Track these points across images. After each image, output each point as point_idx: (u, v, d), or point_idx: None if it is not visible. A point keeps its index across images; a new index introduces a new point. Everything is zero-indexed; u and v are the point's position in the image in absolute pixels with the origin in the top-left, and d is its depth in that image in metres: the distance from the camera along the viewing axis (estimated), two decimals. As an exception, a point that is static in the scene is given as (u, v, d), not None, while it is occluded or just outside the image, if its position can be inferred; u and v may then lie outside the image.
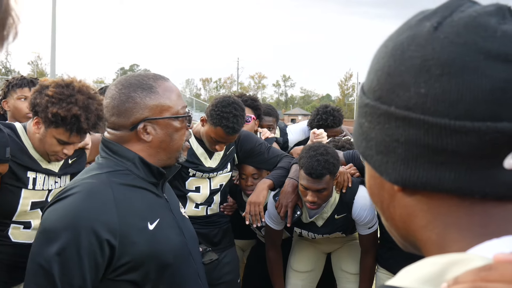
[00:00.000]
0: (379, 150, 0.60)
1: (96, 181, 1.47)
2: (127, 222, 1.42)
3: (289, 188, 2.73)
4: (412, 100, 0.54)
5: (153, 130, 1.54)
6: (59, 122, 2.10)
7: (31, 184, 2.22)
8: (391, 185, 0.61)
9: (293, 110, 64.98)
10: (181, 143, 1.61)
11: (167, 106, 1.55)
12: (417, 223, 0.60)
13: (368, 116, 0.61)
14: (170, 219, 1.59)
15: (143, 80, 1.54)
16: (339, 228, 2.87)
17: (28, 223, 2.25)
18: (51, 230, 1.39)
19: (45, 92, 2.11)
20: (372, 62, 0.63)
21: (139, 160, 1.54)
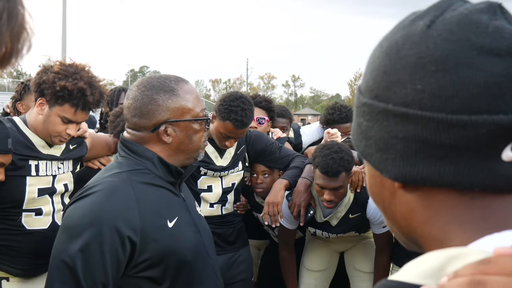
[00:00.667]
0: (379, 147, 0.61)
1: (117, 179, 1.51)
2: (147, 220, 1.46)
3: (301, 188, 2.74)
4: (409, 96, 0.56)
5: (173, 132, 1.58)
6: (66, 96, 2.16)
7: (34, 171, 2.26)
8: (391, 183, 0.62)
9: (302, 110, 64.85)
10: (199, 145, 1.64)
11: (188, 109, 1.58)
12: (418, 219, 0.61)
13: (366, 115, 0.62)
14: (187, 217, 1.62)
15: (165, 83, 1.58)
16: (353, 227, 2.88)
17: (39, 210, 2.30)
18: (74, 227, 1.42)
19: (51, 70, 2.20)
20: (368, 63, 0.64)
21: (158, 160, 1.57)
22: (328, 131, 3.32)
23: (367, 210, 2.73)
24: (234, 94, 2.66)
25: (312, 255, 3.18)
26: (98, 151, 2.68)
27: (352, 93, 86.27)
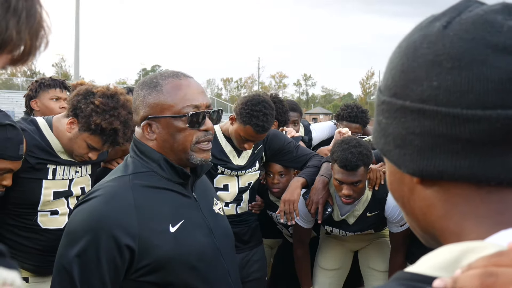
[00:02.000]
0: (397, 144, 0.63)
1: (117, 184, 1.50)
2: (147, 225, 1.44)
3: (319, 185, 2.74)
4: (426, 93, 0.58)
5: (156, 129, 1.54)
6: (98, 131, 2.15)
7: (50, 174, 2.28)
8: (410, 179, 0.64)
9: (314, 109, 64.76)
10: (186, 144, 1.55)
11: (167, 105, 1.52)
12: (435, 213, 0.62)
13: (385, 112, 0.64)
14: (198, 219, 1.58)
15: (154, 78, 1.56)
16: (370, 226, 2.88)
17: (55, 211, 2.32)
18: (73, 232, 1.43)
19: (91, 99, 2.16)
20: (387, 63, 0.67)
21: (164, 161, 1.55)
22: (340, 131, 3.32)
23: (386, 209, 2.72)
24: (256, 98, 2.61)
25: (326, 254, 3.18)
26: (118, 152, 2.71)
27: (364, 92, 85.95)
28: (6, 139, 1.93)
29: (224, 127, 2.81)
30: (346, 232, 2.91)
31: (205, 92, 1.63)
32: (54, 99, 3.32)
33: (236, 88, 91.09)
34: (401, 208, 0.71)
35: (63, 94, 3.36)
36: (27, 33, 0.57)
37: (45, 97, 3.32)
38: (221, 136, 2.79)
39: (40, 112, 3.25)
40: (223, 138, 2.79)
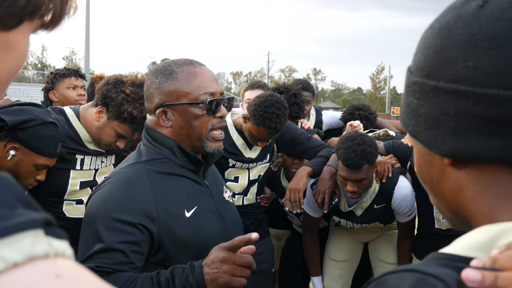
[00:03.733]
0: (429, 125, 0.62)
1: (133, 170, 1.53)
2: (164, 209, 1.47)
3: (326, 175, 2.75)
4: (461, 73, 0.57)
5: (172, 116, 1.56)
6: (128, 120, 2.19)
7: (78, 165, 2.32)
8: (440, 160, 0.63)
9: (323, 103, 64.54)
10: (202, 131, 1.57)
11: (184, 92, 1.53)
12: (467, 195, 0.61)
13: (417, 93, 0.64)
14: (210, 205, 1.61)
15: (168, 66, 1.57)
16: (378, 218, 2.88)
17: (80, 200, 2.35)
18: (91, 221, 1.46)
19: (122, 88, 2.20)
20: (419, 44, 0.66)
21: (178, 148, 1.56)
22: (351, 123, 3.31)
23: (393, 201, 2.73)
24: (270, 99, 2.58)
25: (336, 245, 3.19)
26: (133, 142, 2.72)
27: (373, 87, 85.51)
28: (48, 136, 1.97)
29: (236, 120, 2.81)
30: (354, 223, 2.92)
31: (218, 79, 1.65)
32: (71, 87, 3.36)
33: (245, 82, 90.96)
34: (428, 190, 0.70)
35: (79, 82, 3.41)
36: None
37: (62, 86, 3.36)
38: (233, 129, 2.80)
39: (59, 103, 3.29)
40: (234, 132, 2.80)
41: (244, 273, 1.38)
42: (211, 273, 1.35)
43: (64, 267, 0.39)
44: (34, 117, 1.92)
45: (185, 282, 1.37)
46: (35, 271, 0.36)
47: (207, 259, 1.39)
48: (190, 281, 1.36)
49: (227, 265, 1.36)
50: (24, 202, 0.41)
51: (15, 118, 1.87)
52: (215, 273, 1.35)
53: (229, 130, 2.76)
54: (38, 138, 1.93)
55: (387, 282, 0.54)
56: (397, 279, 0.53)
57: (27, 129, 1.91)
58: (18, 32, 0.52)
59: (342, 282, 3.15)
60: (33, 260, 0.36)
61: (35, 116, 1.93)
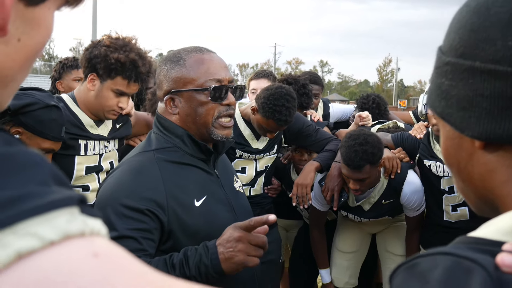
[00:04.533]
0: (461, 106, 0.60)
1: (143, 158, 1.53)
2: (174, 198, 1.47)
3: (335, 172, 2.73)
4: (499, 53, 0.55)
5: (179, 103, 1.56)
6: (118, 69, 2.19)
7: (83, 150, 2.31)
8: (470, 144, 0.62)
9: (330, 96, 64.24)
10: (208, 118, 1.55)
11: (190, 79, 1.53)
12: (497, 179, 0.60)
13: (449, 74, 0.62)
14: (219, 195, 1.61)
15: (178, 53, 1.57)
16: (386, 212, 2.88)
17: (86, 186, 2.36)
18: (97, 205, 1.47)
19: (101, 44, 2.22)
20: (452, 23, 0.64)
21: (188, 137, 1.56)
22: (360, 114, 3.29)
23: (402, 196, 2.71)
24: (279, 92, 2.57)
25: (344, 237, 3.19)
26: (139, 129, 2.72)
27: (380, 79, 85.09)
28: (51, 120, 1.96)
29: (244, 111, 2.80)
30: (362, 218, 2.92)
31: (228, 68, 1.63)
32: (77, 80, 3.34)
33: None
34: (455, 174, 0.69)
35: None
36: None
37: (69, 78, 3.36)
38: (241, 120, 2.79)
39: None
40: (242, 122, 2.79)
41: (258, 253, 1.39)
42: (226, 252, 1.36)
43: (101, 246, 0.38)
44: (37, 101, 1.92)
45: (199, 263, 1.37)
46: (73, 250, 0.35)
47: (220, 238, 1.39)
48: (204, 261, 1.37)
49: (242, 244, 1.36)
50: (58, 180, 0.40)
51: (18, 102, 1.87)
52: (230, 252, 1.36)
53: (237, 121, 2.75)
54: (41, 121, 1.92)
55: (420, 266, 0.52)
56: (430, 263, 0.52)
57: (30, 113, 1.90)
58: (44, 7, 0.52)
59: (350, 273, 3.15)
60: (69, 239, 0.36)
61: (37, 100, 1.92)
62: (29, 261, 0.33)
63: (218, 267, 1.37)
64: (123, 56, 2.18)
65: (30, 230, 0.34)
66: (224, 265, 1.37)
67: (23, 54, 0.51)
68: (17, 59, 0.51)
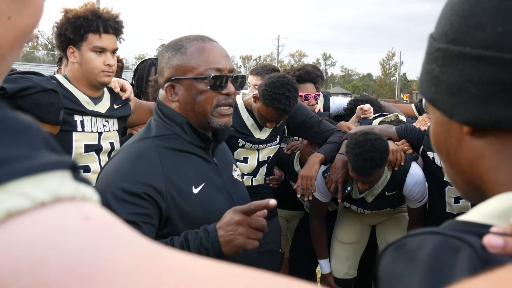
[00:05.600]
0: (451, 92, 0.61)
1: (142, 145, 1.54)
2: (173, 185, 1.48)
3: (339, 164, 2.73)
4: (489, 39, 0.56)
5: (179, 91, 1.57)
6: (84, 24, 2.22)
7: (79, 126, 2.30)
8: (459, 129, 0.62)
9: (333, 89, 64.18)
10: (207, 107, 1.56)
11: (190, 67, 1.54)
12: (485, 164, 0.61)
13: (440, 60, 0.62)
14: (218, 183, 1.62)
15: (180, 41, 1.58)
16: (389, 204, 2.89)
17: (87, 167, 2.35)
18: (98, 191, 1.45)
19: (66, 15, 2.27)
20: (444, 9, 0.64)
21: (187, 125, 1.57)
22: (362, 107, 3.29)
23: (405, 188, 2.72)
24: (280, 81, 2.57)
25: (344, 228, 3.20)
26: (140, 116, 2.71)
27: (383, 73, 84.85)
28: (49, 103, 1.97)
29: (248, 101, 2.80)
30: (364, 209, 2.93)
31: (229, 57, 1.63)
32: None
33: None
34: (444, 161, 0.69)
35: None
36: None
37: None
38: (243, 109, 2.79)
39: None
40: (245, 112, 2.79)
41: (257, 236, 1.41)
42: (226, 235, 1.38)
43: (92, 210, 0.38)
44: (34, 85, 1.92)
45: (199, 245, 1.39)
46: (63, 212, 0.35)
47: (221, 222, 1.41)
48: (205, 244, 1.39)
49: (242, 227, 1.38)
50: (49, 145, 0.40)
51: (15, 85, 1.87)
52: (230, 235, 1.38)
53: (240, 110, 2.75)
54: (38, 105, 1.93)
55: (408, 245, 0.53)
56: (418, 242, 0.52)
57: (27, 97, 1.90)
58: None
59: (350, 264, 3.16)
60: (60, 201, 0.35)
61: (35, 84, 1.93)
62: (19, 220, 0.33)
63: (219, 250, 1.39)
64: (82, 11, 2.22)
65: (21, 190, 0.33)
66: (225, 248, 1.39)
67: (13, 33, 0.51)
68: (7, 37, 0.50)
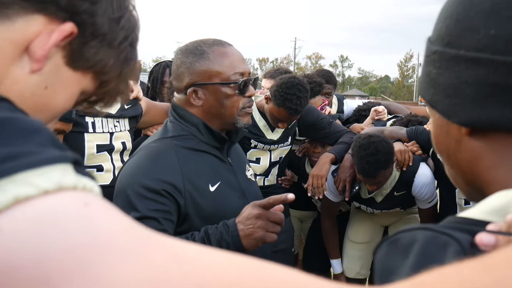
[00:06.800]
0: (448, 93, 0.62)
1: (160, 144, 1.58)
2: (190, 183, 1.52)
3: (347, 163, 2.76)
4: (482, 42, 0.57)
5: (203, 95, 1.59)
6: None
7: (91, 127, 2.36)
8: (457, 130, 0.63)
9: (350, 91, 63.86)
10: (233, 110, 1.61)
11: (216, 72, 1.57)
12: (483, 164, 0.62)
13: (436, 62, 0.64)
14: (232, 182, 1.66)
15: (199, 46, 1.60)
16: (398, 204, 2.90)
17: (100, 166, 2.40)
18: (117, 188, 1.53)
19: None
20: (440, 13, 0.66)
21: (203, 126, 1.61)
22: (376, 109, 3.30)
23: (413, 188, 2.73)
24: (291, 81, 2.63)
25: (356, 228, 3.22)
26: (154, 117, 2.75)
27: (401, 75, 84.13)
28: None
29: (259, 103, 2.84)
30: (374, 209, 2.95)
31: (245, 59, 1.69)
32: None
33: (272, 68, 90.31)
34: (445, 161, 0.70)
35: None
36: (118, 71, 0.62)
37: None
38: (256, 110, 2.83)
39: None
40: (257, 113, 2.83)
41: (275, 229, 1.46)
42: (246, 229, 1.43)
43: (92, 198, 0.43)
44: None
45: (220, 239, 1.44)
46: (64, 198, 0.41)
47: (240, 216, 1.46)
48: (225, 238, 1.43)
49: (262, 220, 1.43)
50: (55, 144, 0.45)
51: None
52: (250, 228, 1.43)
53: (252, 112, 2.78)
54: None
55: (401, 241, 0.55)
56: (410, 237, 0.54)
57: None
58: (77, 77, 0.58)
59: (362, 264, 3.18)
60: (62, 190, 0.41)
61: None
62: (25, 205, 0.38)
63: (239, 243, 1.43)
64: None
65: (27, 180, 0.39)
66: (245, 241, 1.43)
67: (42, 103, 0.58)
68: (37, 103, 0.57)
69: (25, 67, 0.53)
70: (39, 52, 0.52)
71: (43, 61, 0.53)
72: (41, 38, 0.52)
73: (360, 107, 3.74)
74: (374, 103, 3.73)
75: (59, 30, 0.53)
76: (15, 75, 0.53)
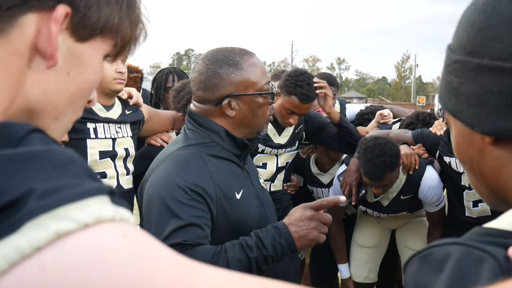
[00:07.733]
0: (471, 103, 0.61)
1: (187, 152, 1.57)
2: (220, 190, 1.52)
3: (353, 167, 2.75)
4: (506, 51, 0.56)
5: (237, 106, 1.58)
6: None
7: (92, 133, 2.33)
8: (481, 139, 0.62)
9: (347, 93, 63.87)
10: (263, 119, 1.63)
11: (251, 82, 1.57)
12: (508, 173, 0.61)
13: (458, 71, 0.63)
14: (251, 190, 1.66)
15: (230, 56, 1.58)
16: (405, 208, 2.89)
17: (103, 173, 2.37)
18: (150, 198, 1.52)
19: None
20: (460, 21, 0.65)
21: (225, 133, 1.60)
22: (381, 112, 3.31)
23: (420, 192, 2.72)
24: (299, 70, 2.68)
25: (363, 232, 3.20)
26: (156, 125, 2.72)
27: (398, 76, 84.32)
28: None
29: None
30: (380, 213, 2.94)
31: None
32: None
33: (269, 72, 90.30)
34: (467, 170, 0.70)
35: None
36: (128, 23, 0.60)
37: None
38: None
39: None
40: None
41: (325, 230, 1.50)
42: (299, 230, 1.46)
43: (130, 229, 0.42)
44: None
45: (274, 242, 1.44)
46: (104, 231, 0.40)
47: (291, 218, 1.48)
48: (279, 241, 1.44)
49: (314, 221, 1.47)
50: (90, 175, 0.45)
51: None
52: (303, 229, 1.46)
53: None
54: None
55: (433, 256, 0.54)
56: (443, 252, 0.53)
57: None
58: (92, 46, 0.57)
59: (369, 268, 3.16)
60: (101, 222, 0.40)
61: None
62: (66, 240, 0.38)
63: (293, 245, 1.45)
64: None
65: (67, 214, 0.39)
66: (298, 242, 1.46)
67: (72, 88, 0.57)
68: (66, 92, 0.56)
69: (41, 66, 0.53)
70: (48, 49, 0.51)
71: (55, 54, 0.52)
72: (43, 35, 0.51)
73: (363, 111, 3.74)
74: (377, 106, 3.74)
75: (55, 19, 0.51)
76: (34, 78, 0.53)
